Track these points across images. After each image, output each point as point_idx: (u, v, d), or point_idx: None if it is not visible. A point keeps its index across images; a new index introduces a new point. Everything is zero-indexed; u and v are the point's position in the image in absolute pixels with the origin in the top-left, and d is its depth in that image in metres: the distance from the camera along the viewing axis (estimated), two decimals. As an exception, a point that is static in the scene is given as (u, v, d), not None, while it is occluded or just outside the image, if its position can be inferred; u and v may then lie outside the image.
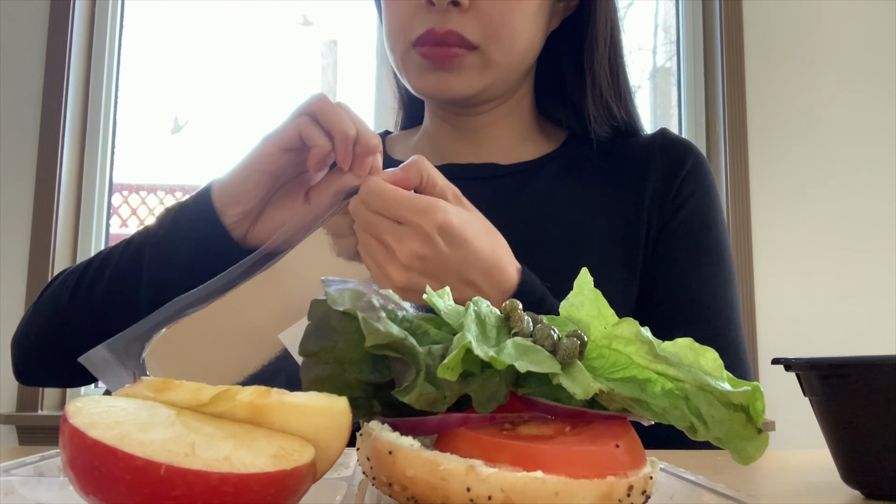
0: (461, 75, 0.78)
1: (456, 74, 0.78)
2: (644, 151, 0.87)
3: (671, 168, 0.85)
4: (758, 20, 2.20)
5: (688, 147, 0.88)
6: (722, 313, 0.80)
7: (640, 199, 0.83)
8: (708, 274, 0.81)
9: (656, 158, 0.86)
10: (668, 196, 0.84)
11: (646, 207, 0.83)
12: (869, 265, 2.11)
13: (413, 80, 0.81)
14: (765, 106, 2.17)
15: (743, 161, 2.15)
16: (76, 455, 0.28)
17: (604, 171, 0.86)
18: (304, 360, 0.37)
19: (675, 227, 0.83)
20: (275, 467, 0.29)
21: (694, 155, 0.87)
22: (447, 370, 0.33)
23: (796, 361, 0.47)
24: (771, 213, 2.13)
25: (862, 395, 0.43)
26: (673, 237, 0.82)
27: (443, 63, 0.77)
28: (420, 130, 0.94)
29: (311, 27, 2.43)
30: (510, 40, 0.78)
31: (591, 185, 0.85)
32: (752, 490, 0.46)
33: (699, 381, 0.35)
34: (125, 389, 0.33)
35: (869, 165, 2.16)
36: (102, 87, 2.19)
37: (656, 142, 0.88)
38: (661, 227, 0.83)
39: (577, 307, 0.39)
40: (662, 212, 0.83)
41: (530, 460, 0.32)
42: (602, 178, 0.86)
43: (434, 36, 0.76)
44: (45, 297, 0.78)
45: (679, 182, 0.84)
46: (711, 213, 0.84)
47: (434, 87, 0.79)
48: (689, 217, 0.83)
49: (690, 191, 0.84)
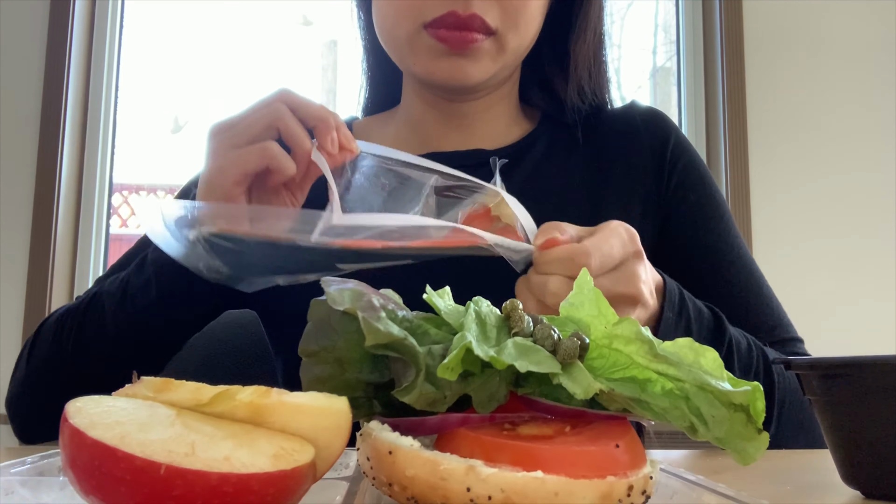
0: (477, 61, 0.75)
1: (472, 61, 0.75)
2: (622, 126, 0.87)
3: (657, 142, 0.85)
4: (758, 20, 2.20)
5: (664, 117, 0.89)
6: (754, 271, 0.82)
7: (630, 173, 0.83)
8: (729, 233, 0.83)
9: (639, 132, 0.86)
10: (664, 169, 0.84)
11: (639, 182, 0.83)
12: (869, 265, 2.11)
13: (422, 64, 0.76)
14: (765, 106, 2.17)
15: (743, 161, 2.15)
16: (76, 455, 0.28)
17: (587, 147, 0.86)
18: (304, 360, 0.37)
19: (682, 204, 0.83)
20: (275, 467, 0.29)
21: (674, 126, 0.88)
22: (447, 370, 0.33)
23: (796, 361, 0.47)
24: (771, 213, 2.13)
25: (862, 394, 0.43)
26: (682, 210, 0.83)
27: (461, 48, 0.74)
28: (397, 117, 0.90)
29: (311, 27, 2.43)
30: (525, 27, 0.76)
31: (577, 163, 0.85)
32: (752, 490, 0.46)
33: (699, 380, 0.35)
34: (125, 389, 0.33)
35: (869, 165, 2.16)
36: (102, 87, 2.18)
37: (635, 116, 0.88)
38: (664, 201, 0.83)
39: (577, 307, 0.39)
40: (660, 186, 0.83)
41: (530, 460, 0.32)
42: (586, 155, 0.85)
43: (456, 19, 0.72)
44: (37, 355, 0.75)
45: (669, 155, 0.84)
46: (707, 179, 0.86)
47: (448, 72, 0.75)
48: (692, 186, 0.84)
49: (685, 162, 0.85)
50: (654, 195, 0.83)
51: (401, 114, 0.89)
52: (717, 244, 0.82)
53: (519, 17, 0.75)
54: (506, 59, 0.77)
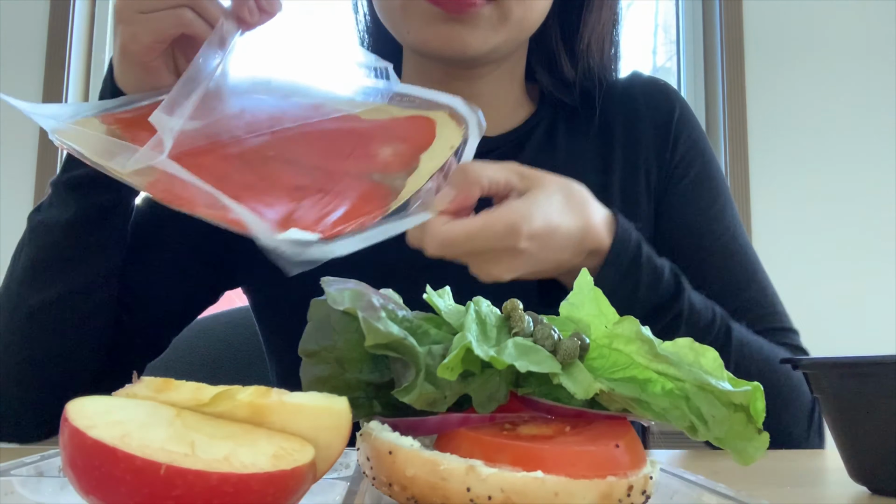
0: (476, 28, 0.70)
1: (470, 28, 0.69)
2: (625, 98, 0.84)
3: (660, 116, 0.83)
4: (758, 20, 2.20)
5: (667, 89, 0.85)
6: (748, 255, 0.80)
7: (635, 148, 0.81)
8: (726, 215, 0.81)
9: (640, 105, 0.83)
10: (668, 143, 0.81)
11: (642, 157, 0.81)
12: (870, 264, 2.11)
13: (415, 30, 0.71)
14: (765, 106, 2.17)
15: (743, 161, 2.15)
16: (76, 455, 0.28)
17: (591, 126, 0.83)
18: (304, 360, 0.37)
19: (682, 181, 0.81)
20: (275, 467, 0.29)
21: (678, 98, 0.85)
22: (447, 370, 0.33)
23: (804, 361, 0.48)
24: (771, 213, 2.13)
25: (869, 393, 0.44)
26: (679, 186, 0.81)
27: (458, 11, 0.68)
28: None
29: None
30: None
31: (582, 143, 0.82)
32: (752, 490, 0.46)
33: (699, 380, 0.35)
34: (125, 389, 0.33)
35: (869, 165, 2.16)
36: (102, 87, 2.19)
37: (636, 88, 0.85)
38: (664, 175, 0.81)
39: (578, 306, 0.39)
40: (661, 161, 0.81)
41: (530, 460, 0.32)
42: (590, 135, 0.82)
43: None
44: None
45: (673, 128, 0.82)
46: (708, 155, 0.83)
47: (444, 40, 0.70)
48: (691, 162, 0.82)
49: (687, 136, 0.82)
50: (654, 168, 0.81)
51: None
52: (711, 225, 0.80)
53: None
54: (509, 30, 0.71)
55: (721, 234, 0.80)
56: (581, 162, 0.81)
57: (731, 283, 0.77)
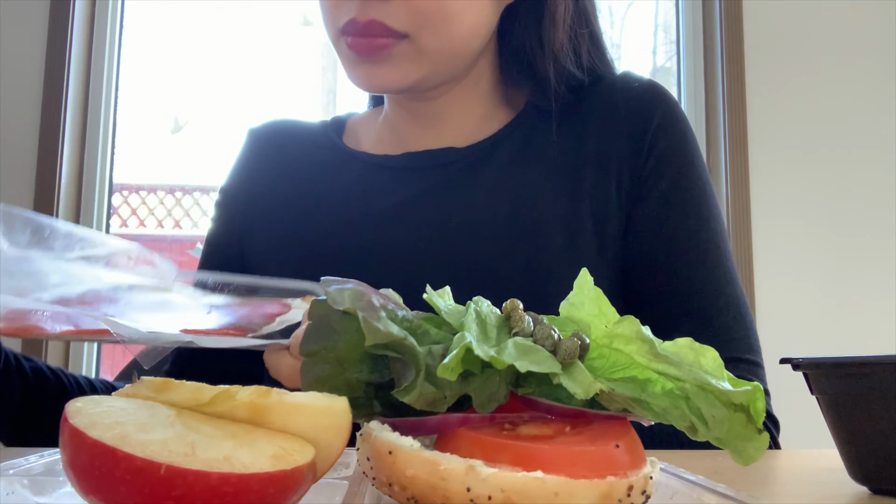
0: (392, 66, 0.72)
1: (387, 66, 0.72)
2: (606, 105, 0.80)
3: (637, 124, 0.78)
4: (758, 20, 2.20)
5: (652, 94, 0.81)
6: (718, 276, 0.75)
7: (607, 159, 0.77)
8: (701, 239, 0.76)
9: (619, 113, 0.79)
10: (640, 154, 0.77)
11: (614, 171, 0.77)
12: (870, 265, 2.11)
13: (346, 70, 0.76)
14: (765, 106, 2.17)
15: (743, 161, 2.15)
16: (76, 455, 0.28)
17: (566, 133, 0.80)
18: (305, 360, 0.37)
19: (651, 193, 0.77)
20: (275, 467, 0.29)
21: (662, 103, 0.80)
22: (447, 370, 0.33)
23: (804, 361, 0.48)
24: (771, 214, 2.13)
25: (869, 393, 0.44)
26: (651, 202, 0.77)
27: (369, 54, 0.71)
28: (382, 115, 0.88)
29: (311, 27, 2.43)
30: (445, 26, 0.71)
31: (556, 151, 0.79)
32: (752, 490, 0.46)
33: (700, 380, 0.35)
34: (125, 389, 0.33)
35: (869, 165, 2.16)
36: (102, 87, 2.18)
37: (618, 94, 0.80)
38: (636, 192, 0.77)
39: (578, 306, 0.39)
40: (633, 172, 0.77)
41: (530, 460, 0.32)
42: (563, 144, 0.79)
43: (355, 26, 0.70)
44: None
45: (649, 137, 0.78)
46: (686, 166, 0.78)
47: (365, 80, 0.74)
48: (664, 173, 0.77)
49: (664, 146, 0.78)
50: (626, 179, 0.77)
51: (384, 113, 0.88)
52: (682, 244, 0.75)
53: (433, 17, 0.70)
54: (432, 61, 0.73)
55: (688, 251, 0.75)
56: (552, 170, 0.78)
57: (699, 306, 0.74)
